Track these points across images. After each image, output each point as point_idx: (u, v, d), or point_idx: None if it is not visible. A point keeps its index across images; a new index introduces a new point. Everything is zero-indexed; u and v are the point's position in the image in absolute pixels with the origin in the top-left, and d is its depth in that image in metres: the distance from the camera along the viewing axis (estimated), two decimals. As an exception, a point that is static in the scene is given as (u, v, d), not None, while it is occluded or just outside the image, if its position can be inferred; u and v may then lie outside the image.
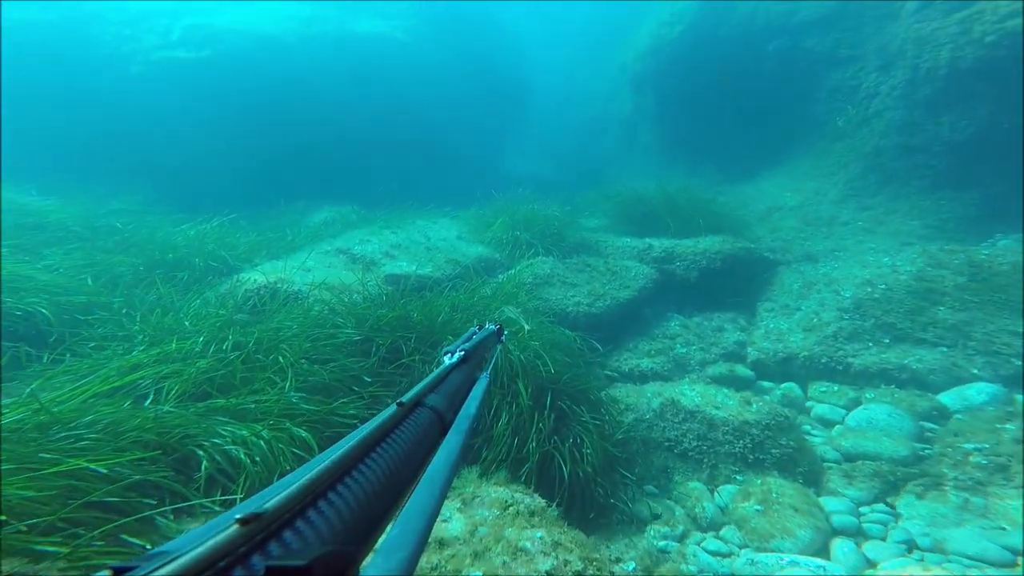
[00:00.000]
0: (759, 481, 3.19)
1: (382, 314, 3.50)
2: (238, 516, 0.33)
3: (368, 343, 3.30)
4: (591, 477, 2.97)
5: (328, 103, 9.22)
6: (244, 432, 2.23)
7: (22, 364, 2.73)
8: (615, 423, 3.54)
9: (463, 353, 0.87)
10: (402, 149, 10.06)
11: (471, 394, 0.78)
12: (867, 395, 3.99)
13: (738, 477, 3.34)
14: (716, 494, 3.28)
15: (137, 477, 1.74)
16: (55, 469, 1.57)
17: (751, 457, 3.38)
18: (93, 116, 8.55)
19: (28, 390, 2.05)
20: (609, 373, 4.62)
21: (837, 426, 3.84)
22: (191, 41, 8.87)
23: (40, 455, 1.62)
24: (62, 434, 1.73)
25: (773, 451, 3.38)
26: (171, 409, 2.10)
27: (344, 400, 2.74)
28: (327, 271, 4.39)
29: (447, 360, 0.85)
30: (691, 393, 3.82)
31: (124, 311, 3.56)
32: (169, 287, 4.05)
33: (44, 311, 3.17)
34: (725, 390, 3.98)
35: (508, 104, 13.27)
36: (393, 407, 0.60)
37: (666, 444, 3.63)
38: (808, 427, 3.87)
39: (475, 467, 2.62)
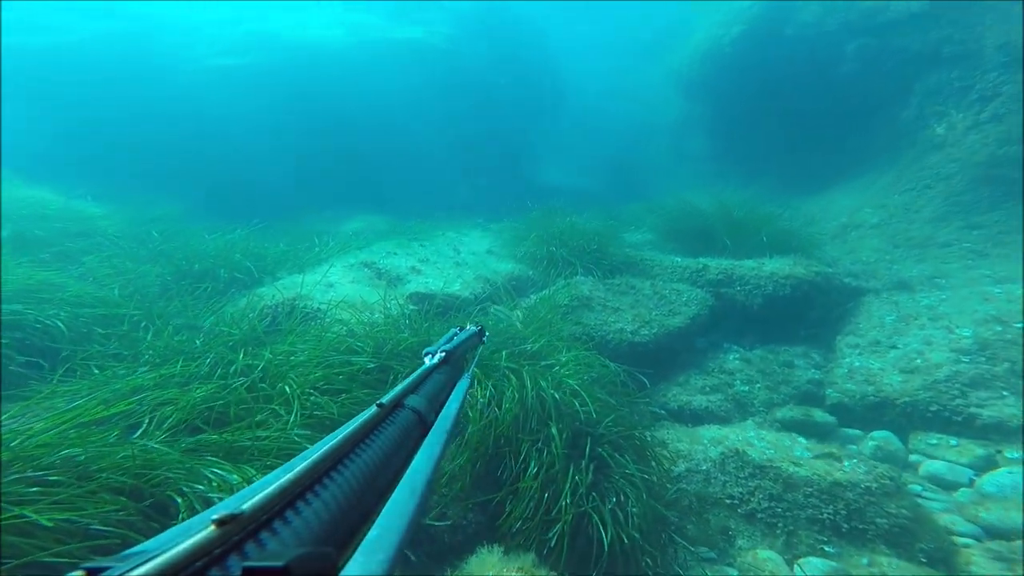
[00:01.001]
0: (864, 560, 2.64)
1: (402, 338, 3.25)
2: (215, 517, 0.35)
3: (385, 372, 3.06)
4: (637, 544, 2.55)
5: (364, 110, 9.33)
6: (234, 477, 2.00)
7: (23, 382, 2.65)
8: (664, 474, 3.11)
9: (444, 354, 0.91)
10: (434, 157, 10.02)
11: (452, 395, 0.80)
12: (1008, 454, 3.32)
13: (827, 548, 2.80)
14: (797, 567, 2.75)
15: (95, 526, 1.52)
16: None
17: (846, 526, 2.83)
18: (149, 122, 9.03)
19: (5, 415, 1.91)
20: (655, 410, 4.17)
21: (963, 489, 3.20)
22: (240, 48, 9.24)
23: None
24: (13, 476, 1.54)
25: (879, 520, 2.81)
26: (156, 445, 1.91)
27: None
28: (350, 287, 4.22)
29: (428, 361, 0.89)
30: (760, 443, 3.31)
31: (143, 324, 3.51)
32: (189, 300, 4.00)
33: (60, 324, 3.14)
34: (801, 439, 3.44)
35: (545, 111, 13.12)
36: (373, 408, 0.63)
37: (727, 502, 3.14)
38: (917, 487, 3.26)
39: (496, 547, 2.27)
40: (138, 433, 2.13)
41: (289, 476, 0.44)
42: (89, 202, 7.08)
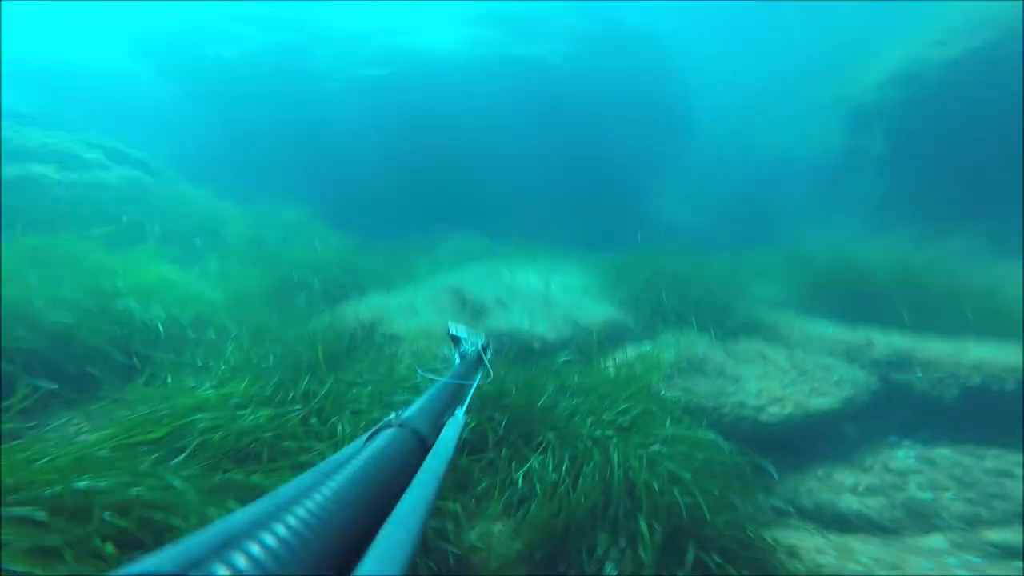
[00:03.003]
0: None
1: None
2: None
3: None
4: None
5: (476, 126, 9.53)
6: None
7: (101, 386, 2.79)
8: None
9: (448, 377, 1.19)
10: (539, 179, 9.86)
11: (448, 437, 0.83)
12: None
13: None
14: None
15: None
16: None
17: None
18: (293, 129, 10.22)
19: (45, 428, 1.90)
20: (781, 505, 3.32)
21: None
22: (378, 59, 10.01)
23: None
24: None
25: None
26: (177, 483, 1.75)
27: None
28: (433, 314, 4.04)
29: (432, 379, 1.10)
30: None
31: (233, 333, 3.65)
32: (281, 311, 4.14)
33: (160, 326, 3.36)
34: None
35: (668, 140, 12.35)
36: (382, 426, 0.73)
37: None
38: None
39: None
40: (176, 460, 2.03)
41: (293, 495, 0.49)
42: (231, 203, 8.09)
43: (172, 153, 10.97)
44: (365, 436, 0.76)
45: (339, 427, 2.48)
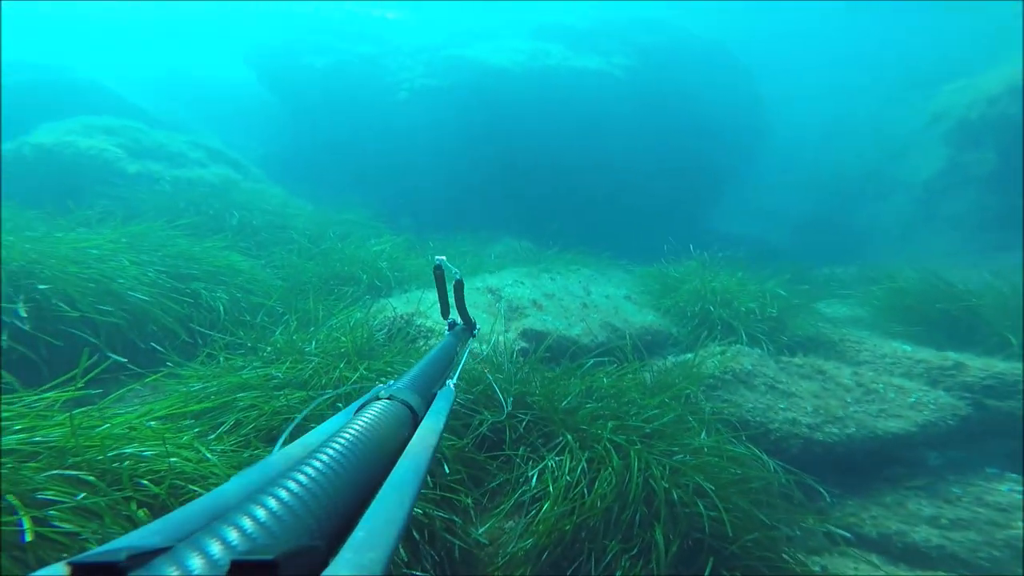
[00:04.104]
0: None
1: (497, 378, 2.95)
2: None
3: (470, 415, 2.78)
4: None
5: (533, 135, 9.64)
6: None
7: (164, 361, 3.12)
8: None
9: (440, 350, 1.16)
10: (594, 188, 9.79)
11: (439, 408, 0.83)
12: None
13: None
14: None
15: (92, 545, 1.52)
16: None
17: None
18: (365, 133, 10.90)
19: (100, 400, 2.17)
20: (836, 531, 3.08)
21: None
22: (443, 70, 10.48)
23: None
24: (54, 472, 1.64)
25: None
26: (210, 456, 1.93)
27: (408, 490, 2.24)
28: (470, 311, 4.12)
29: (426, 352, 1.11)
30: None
31: (284, 316, 3.95)
32: (330, 301, 4.41)
33: (221, 307, 3.71)
34: None
35: (736, 153, 11.86)
36: (371, 399, 0.73)
37: None
38: None
39: None
40: (214, 435, 2.24)
41: (277, 469, 0.51)
42: (303, 200, 8.75)
43: (263, 153, 12.18)
44: (354, 407, 0.75)
45: (364, 412, 2.61)
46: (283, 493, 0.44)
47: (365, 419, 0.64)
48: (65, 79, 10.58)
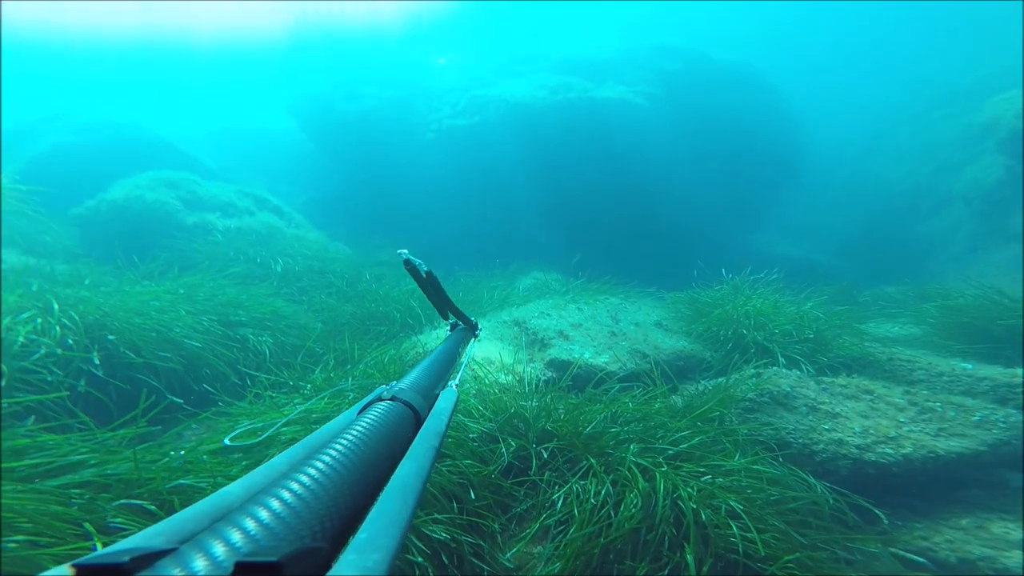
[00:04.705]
0: None
1: (524, 407, 3.05)
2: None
3: (496, 441, 2.89)
4: None
5: (558, 167, 9.93)
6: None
7: (216, 401, 3.41)
8: None
9: (442, 350, 1.19)
10: (623, 217, 9.90)
11: (441, 408, 0.85)
12: None
13: None
14: None
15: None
16: None
17: None
18: (395, 177, 11.47)
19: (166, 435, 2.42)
20: (908, 555, 2.94)
21: None
22: (468, 109, 11.02)
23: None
24: (121, 501, 1.86)
25: None
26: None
27: (438, 516, 2.35)
28: (494, 344, 4.27)
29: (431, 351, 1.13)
30: None
31: (323, 355, 4.23)
32: (366, 340, 4.68)
33: (267, 350, 4.03)
34: None
35: (773, 174, 11.80)
36: (374, 399, 0.75)
37: None
38: None
39: None
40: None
41: (279, 470, 0.51)
42: (341, 244, 9.31)
43: (306, 199, 13.11)
44: (356, 408, 0.76)
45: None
46: (285, 494, 0.44)
47: (367, 420, 0.65)
48: (137, 136, 11.86)
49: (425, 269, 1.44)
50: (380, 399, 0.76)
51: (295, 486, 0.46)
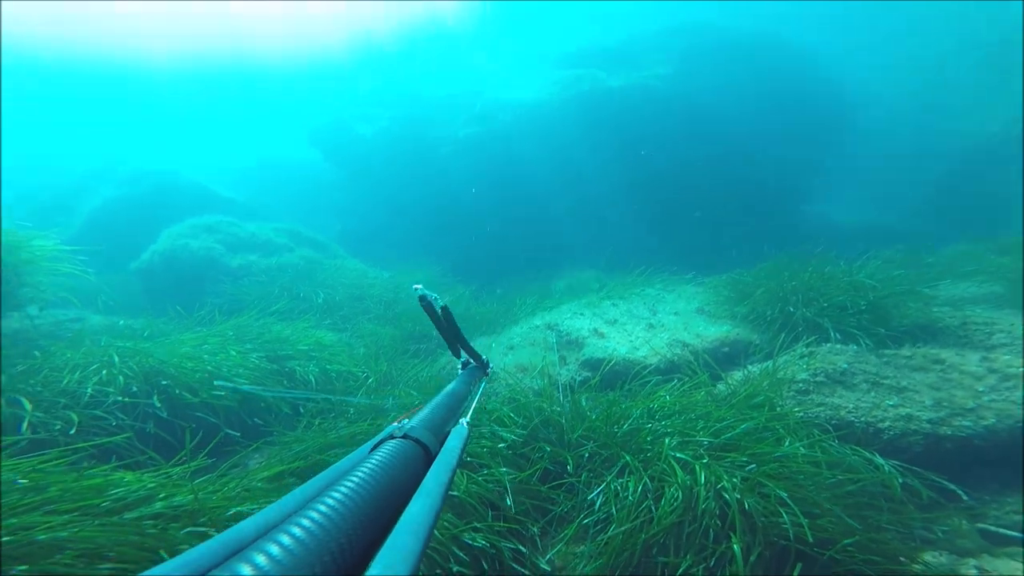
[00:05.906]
0: None
1: (555, 412, 3.12)
2: None
3: (530, 447, 2.97)
4: None
5: (582, 163, 9.90)
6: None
7: (271, 431, 3.69)
8: None
9: (452, 389, 1.17)
10: (654, 203, 9.71)
11: (452, 446, 0.84)
12: None
13: None
14: None
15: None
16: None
17: None
18: (420, 195, 11.76)
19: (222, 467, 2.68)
20: (999, 530, 2.78)
21: None
22: (480, 116, 11.11)
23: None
24: (186, 531, 2.09)
25: None
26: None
27: (477, 524, 2.45)
28: (528, 350, 4.36)
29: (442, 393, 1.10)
30: None
31: (368, 380, 4.48)
32: (406, 360, 4.90)
33: (312, 379, 4.32)
34: None
35: (811, 138, 11.16)
36: (384, 438, 0.74)
37: None
38: None
39: None
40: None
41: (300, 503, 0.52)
42: (378, 269, 9.73)
43: (341, 229, 13.69)
44: (368, 446, 0.79)
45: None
46: (297, 530, 0.46)
47: (378, 457, 0.67)
48: (174, 183, 12.61)
49: (441, 304, 1.47)
50: (392, 437, 0.79)
51: (306, 522, 0.48)
